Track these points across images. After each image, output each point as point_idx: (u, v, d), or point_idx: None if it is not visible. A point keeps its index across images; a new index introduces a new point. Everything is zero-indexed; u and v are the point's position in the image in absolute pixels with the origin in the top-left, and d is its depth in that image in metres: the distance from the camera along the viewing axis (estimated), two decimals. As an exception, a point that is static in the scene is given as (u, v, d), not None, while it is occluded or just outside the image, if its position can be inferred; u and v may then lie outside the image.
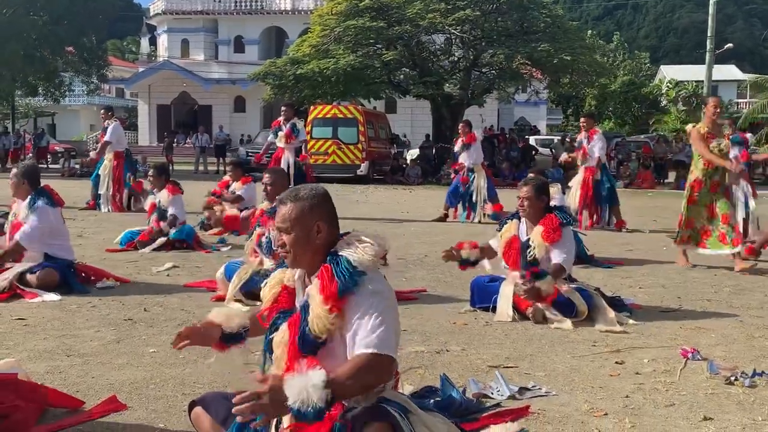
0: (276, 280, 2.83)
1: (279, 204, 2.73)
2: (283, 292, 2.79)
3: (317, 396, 2.33)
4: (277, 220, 2.71)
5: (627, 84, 48.35)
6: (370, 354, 2.46)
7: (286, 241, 2.67)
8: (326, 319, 2.51)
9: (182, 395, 3.72)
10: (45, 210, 6.20)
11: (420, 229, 11.42)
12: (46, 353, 4.45)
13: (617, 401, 3.77)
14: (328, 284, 2.53)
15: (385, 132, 28.05)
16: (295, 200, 2.69)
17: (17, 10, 28.46)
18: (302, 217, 2.66)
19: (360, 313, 2.51)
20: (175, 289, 6.49)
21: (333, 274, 2.54)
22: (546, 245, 5.51)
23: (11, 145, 32.58)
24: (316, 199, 2.70)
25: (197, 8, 48.01)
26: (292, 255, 2.68)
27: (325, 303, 2.51)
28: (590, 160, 11.42)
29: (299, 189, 2.75)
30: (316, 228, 2.65)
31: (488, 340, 4.93)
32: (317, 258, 2.66)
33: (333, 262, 2.58)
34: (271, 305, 2.80)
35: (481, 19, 26.66)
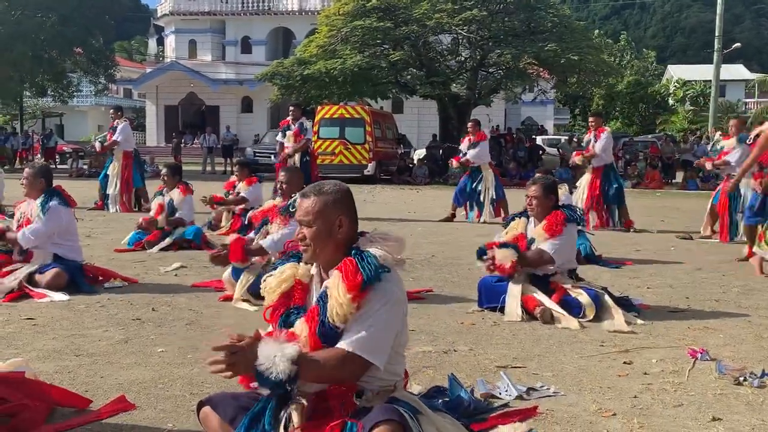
0: (288, 274, 2.79)
1: (301, 197, 2.74)
2: (296, 287, 2.78)
3: (282, 367, 2.37)
4: (299, 213, 2.71)
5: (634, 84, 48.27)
6: (350, 353, 2.51)
7: (306, 234, 2.68)
8: (347, 307, 2.53)
9: (190, 395, 3.72)
10: (57, 210, 6.19)
11: (427, 229, 11.42)
12: (55, 353, 4.47)
13: (626, 401, 3.76)
14: (352, 275, 2.55)
15: (392, 132, 28.05)
16: (318, 194, 2.70)
17: (25, 11, 28.57)
18: (325, 210, 2.67)
19: (368, 309, 2.54)
20: (183, 289, 6.50)
21: (358, 267, 2.57)
22: (545, 236, 5.52)
23: (20, 145, 32.72)
24: (339, 193, 2.72)
25: (204, 9, 48.10)
26: (312, 248, 2.69)
27: (348, 291, 2.53)
28: (598, 160, 11.40)
29: (323, 184, 2.76)
30: (338, 222, 2.68)
31: (496, 340, 4.92)
32: (337, 253, 2.68)
33: (358, 257, 2.60)
34: (280, 300, 2.78)
35: (488, 19, 26.65)
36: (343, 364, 2.51)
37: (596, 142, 11.45)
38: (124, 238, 9.13)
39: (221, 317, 5.48)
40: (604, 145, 11.39)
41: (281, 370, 2.37)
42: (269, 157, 22.59)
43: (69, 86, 33.42)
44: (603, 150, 11.40)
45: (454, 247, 9.53)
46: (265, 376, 2.38)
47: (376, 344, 2.54)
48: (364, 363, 2.53)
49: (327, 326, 2.56)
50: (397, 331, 2.66)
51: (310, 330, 2.59)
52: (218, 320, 5.39)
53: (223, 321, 5.34)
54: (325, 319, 2.56)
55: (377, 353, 2.55)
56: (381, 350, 2.57)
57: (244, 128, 43.89)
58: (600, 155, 11.39)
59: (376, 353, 2.54)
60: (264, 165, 22.00)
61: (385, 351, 2.59)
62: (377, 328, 2.54)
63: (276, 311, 2.77)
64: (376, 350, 2.54)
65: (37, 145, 34.16)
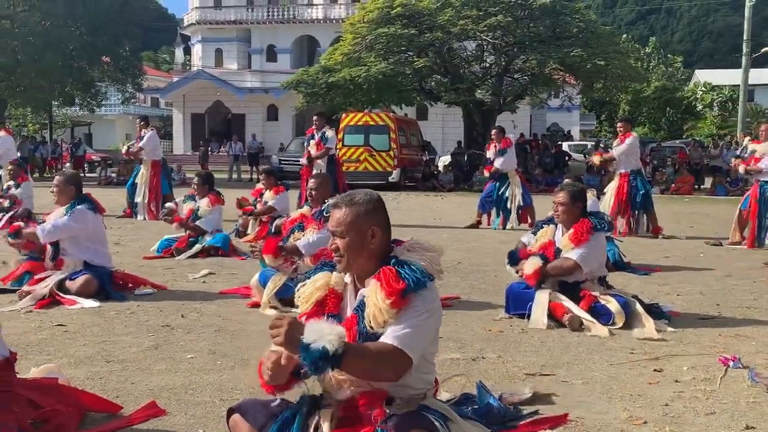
0: (321, 283, 2.79)
1: (333, 208, 2.74)
2: (330, 296, 2.77)
3: (330, 339, 2.31)
4: (331, 224, 2.71)
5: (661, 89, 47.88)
6: (394, 347, 2.48)
7: (339, 245, 2.68)
8: (387, 313, 2.52)
9: (220, 401, 3.74)
10: (84, 213, 6.24)
11: (453, 236, 11.39)
12: (86, 359, 4.52)
13: (656, 409, 3.72)
14: (393, 282, 2.54)
15: (416, 139, 28.07)
16: (350, 205, 2.70)
17: (55, 21, 29.00)
18: (357, 221, 2.67)
19: (409, 312, 2.54)
20: (212, 295, 6.55)
21: (398, 273, 2.56)
22: (572, 245, 5.49)
23: (49, 154, 33.21)
24: (371, 204, 2.72)
25: (230, 18, 48.56)
26: (346, 259, 2.68)
27: (388, 297, 2.52)
28: (623, 165, 11.31)
29: (354, 194, 2.76)
30: (371, 232, 2.67)
31: (524, 348, 4.90)
32: (371, 263, 2.67)
33: (398, 266, 2.59)
34: (314, 308, 2.77)
35: (513, 25, 26.59)
36: (385, 356, 2.48)
37: (616, 149, 11.38)
38: (153, 245, 9.21)
39: (249, 324, 5.51)
40: (624, 150, 11.29)
41: (329, 341, 2.31)
42: (295, 165, 22.68)
43: (97, 95, 33.84)
44: (622, 154, 11.31)
45: (480, 253, 9.51)
46: (310, 349, 2.31)
47: (416, 341, 2.53)
48: (404, 358, 2.50)
49: (364, 333, 2.55)
50: (432, 338, 2.67)
51: (349, 338, 2.57)
52: (246, 327, 5.41)
53: (251, 327, 5.36)
54: (363, 327, 2.56)
55: (416, 349, 2.54)
56: (419, 346, 2.56)
57: (269, 136, 44.18)
58: (618, 159, 11.30)
59: (415, 349, 2.53)
60: (290, 173, 22.09)
61: (420, 350, 2.58)
62: (418, 328, 2.54)
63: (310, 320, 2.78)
64: (415, 347, 2.53)
65: (66, 154, 34.64)
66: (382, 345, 2.49)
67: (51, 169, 32.63)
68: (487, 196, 12.73)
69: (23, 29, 28.13)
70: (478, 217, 12.84)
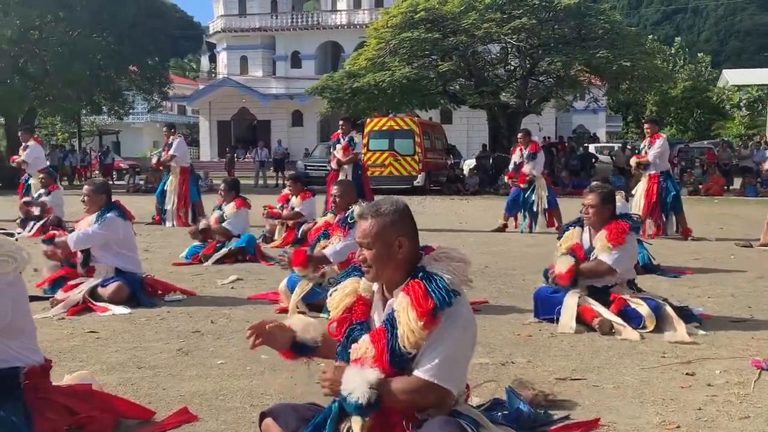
0: (351, 289, 2.81)
1: (360, 219, 2.75)
2: (358, 302, 2.79)
3: (362, 392, 2.46)
4: (358, 235, 2.72)
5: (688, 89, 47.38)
6: (430, 382, 2.52)
7: (367, 256, 2.68)
8: (419, 335, 2.53)
9: (251, 406, 3.77)
10: (114, 221, 6.32)
11: (479, 240, 11.36)
12: (118, 365, 4.56)
13: (690, 414, 3.68)
14: (422, 301, 2.54)
15: (441, 143, 28.04)
16: (376, 216, 2.69)
17: (82, 31, 29.36)
18: (383, 232, 2.67)
19: (441, 333, 2.54)
20: (240, 301, 6.59)
21: (427, 291, 2.55)
22: (609, 246, 5.44)
23: (78, 162, 33.65)
24: (397, 214, 2.71)
25: (255, 25, 48.92)
26: (374, 270, 2.69)
27: (420, 318, 2.52)
28: (654, 167, 11.22)
29: (380, 204, 2.75)
30: (398, 243, 2.67)
31: (554, 352, 4.87)
32: (399, 272, 2.67)
33: (426, 279, 2.59)
34: (344, 315, 2.80)
35: (538, 27, 26.48)
36: (422, 392, 2.53)
37: (650, 149, 11.27)
38: (182, 252, 9.29)
39: (278, 329, 5.52)
40: (657, 152, 11.19)
41: (361, 395, 2.45)
42: (321, 170, 22.77)
43: (124, 104, 34.23)
44: (656, 157, 11.21)
45: (507, 257, 9.47)
46: (348, 400, 2.47)
47: (452, 371, 2.56)
48: (442, 391, 2.54)
49: (398, 352, 2.56)
50: (470, 351, 2.68)
51: (377, 351, 2.59)
52: (275, 332, 5.43)
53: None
54: (396, 345, 2.56)
55: (453, 380, 2.57)
56: (456, 376, 2.59)
57: (294, 142, 44.41)
58: (654, 162, 11.20)
59: (452, 380, 2.56)
60: (315, 178, 22.17)
61: (460, 377, 2.61)
62: (451, 354, 2.55)
63: (340, 326, 2.79)
64: (451, 377, 2.55)
65: (94, 162, 35.06)
66: (417, 382, 2.53)
67: (80, 177, 33.06)
68: (513, 200, 12.67)
69: (51, 40, 28.51)
70: (504, 221, 12.78)
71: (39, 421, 2.97)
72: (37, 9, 28.34)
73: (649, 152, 11.24)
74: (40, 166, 13.52)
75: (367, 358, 2.59)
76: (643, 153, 11.42)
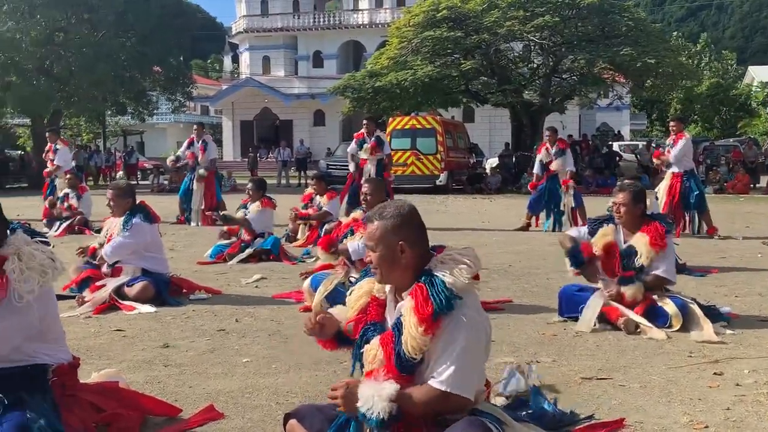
0: (365, 290, 2.82)
1: (366, 221, 2.75)
2: (372, 303, 2.79)
3: (381, 407, 2.45)
4: (365, 236, 2.74)
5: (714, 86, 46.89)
6: (445, 392, 2.52)
7: (372, 258, 2.69)
8: (420, 341, 2.53)
9: (276, 404, 3.78)
10: (140, 227, 6.37)
11: (503, 239, 11.32)
12: (145, 363, 4.60)
13: (718, 414, 3.64)
14: (423, 305, 2.53)
15: (463, 141, 27.98)
16: (380, 218, 2.70)
17: (107, 32, 29.65)
18: (386, 236, 2.67)
19: (447, 340, 2.53)
20: (265, 300, 6.61)
21: (428, 295, 2.54)
22: (653, 253, 5.40)
23: (103, 163, 33.98)
24: (399, 218, 2.69)
25: (277, 25, 49.12)
26: (380, 272, 2.70)
27: (420, 324, 2.52)
28: (677, 165, 11.10)
29: (385, 207, 2.75)
30: (399, 248, 2.65)
31: (579, 351, 4.84)
32: (407, 275, 2.66)
33: (428, 282, 2.57)
34: (359, 315, 2.81)
35: (561, 24, 26.34)
36: (440, 402, 2.54)
37: (673, 148, 11.16)
38: (206, 251, 9.35)
39: (302, 328, 5.51)
40: (678, 153, 11.05)
41: (381, 410, 2.45)
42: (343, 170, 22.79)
43: (148, 105, 34.50)
44: (678, 157, 11.08)
45: (530, 256, 9.43)
46: (368, 417, 2.47)
47: (465, 378, 2.54)
48: (459, 399, 2.55)
49: (403, 358, 2.56)
50: (483, 354, 2.68)
51: (385, 355, 2.61)
52: (299, 331, 5.44)
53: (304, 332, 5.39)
54: (401, 351, 2.57)
55: (468, 387, 2.56)
56: (471, 382, 2.58)
57: (316, 141, 44.53)
58: (676, 161, 11.09)
59: (467, 387, 2.56)
60: (337, 177, 22.20)
61: (475, 381, 2.61)
62: (463, 362, 2.53)
63: (357, 326, 2.81)
64: (466, 385, 2.55)
65: (119, 163, 35.38)
66: (433, 392, 2.53)
67: (105, 178, 33.38)
68: (536, 199, 12.61)
69: (76, 41, 28.81)
70: (527, 219, 12.73)
71: (67, 418, 3.00)
72: (62, 10, 28.68)
73: (672, 151, 11.13)
74: (67, 167, 13.69)
75: (379, 369, 2.60)
76: (666, 150, 11.31)
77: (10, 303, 2.92)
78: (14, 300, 2.92)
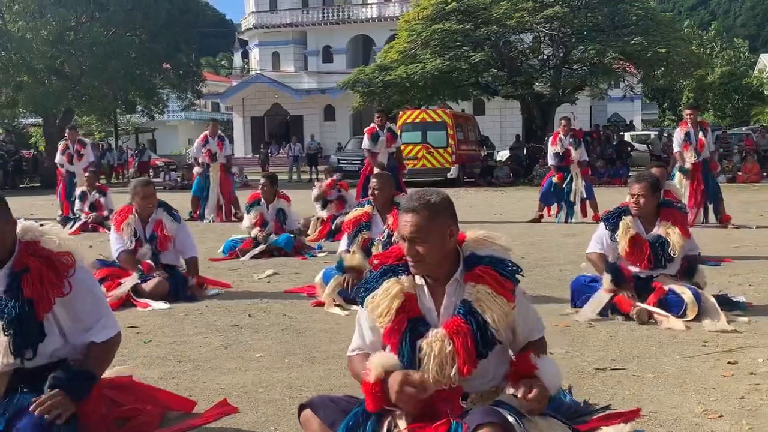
0: (397, 290, 2.73)
1: (409, 213, 2.69)
2: (407, 300, 2.73)
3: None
4: (409, 230, 2.67)
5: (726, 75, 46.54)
6: (542, 337, 2.90)
7: (421, 250, 2.66)
8: (510, 315, 2.69)
9: (290, 399, 3.80)
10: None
11: (515, 231, 11.29)
12: (159, 359, 4.63)
13: (732, 403, 3.63)
14: (504, 283, 2.69)
15: (474, 134, 27.91)
16: (426, 208, 2.68)
17: (117, 30, 29.75)
18: (436, 223, 2.67)
19: (522, 305, 2.77)
20: (277, 295, 6.63)
21: (501, 273, 2.71)
22: (686, 238, 5.49)
23: (115, 161, 34.13)
24: (444, 203, 2.74)
25: (286, 21, 49.08)
26: (427, 263, 2.69)
27: (508, 300, 2.67)
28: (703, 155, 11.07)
29: (426, 196, 2.73)
30: (449, 232, 2.70)
31: (592, 342, 4.83)
32: (446, 261, 2.71)
33: (494, 265, 2.72)
34: (399, 317, 2.71)
35: (570, 15, 26.22)
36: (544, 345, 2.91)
37: (705, 137, 11.09)
38: (219, 247, 9.38)
39: (315, 322, 5.57)
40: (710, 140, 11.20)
41: None
42: (354, 164, 22.79)
43: (159, 102, 34.60)
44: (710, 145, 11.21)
45: (543, 248, 9.41)
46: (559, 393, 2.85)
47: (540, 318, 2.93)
48: None
49: (487, 338, 2.65)
50: None
51: (460, 344, 2.62)
52: (312, 325, 5.47)
53: (317, 326, 5.42)
54: (486, 332, 2.65)
55: None
56: None
57: (327, 136, 44.50)
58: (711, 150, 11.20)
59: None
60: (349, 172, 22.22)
61: None
62: (535, 310, 2.92)
63: (396, 330, 2.71)
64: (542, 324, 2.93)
65: (131, 160, 35.52)
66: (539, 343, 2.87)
67: (118, 175, 33.54)
68: (549, 190, 12.56)
69: (86, 39, 28.93)
70: (540, 211, 12.69)
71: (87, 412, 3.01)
72: (72, 9, 28.79)
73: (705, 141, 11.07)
74: (85, 164, 13.77)
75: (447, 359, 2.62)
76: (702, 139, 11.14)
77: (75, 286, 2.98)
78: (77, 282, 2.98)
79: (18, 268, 2.93)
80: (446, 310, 2.71)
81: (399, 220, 2.77)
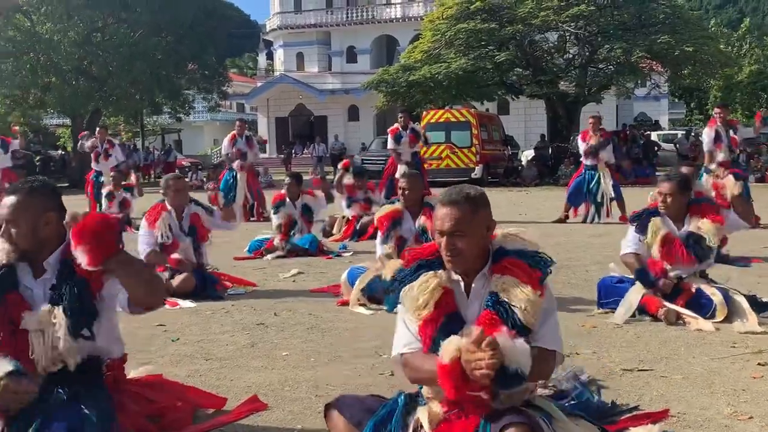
0: (435, 284, 2.70)
1: (450, 206, 2.68)
2: (445, 294, 2.71)
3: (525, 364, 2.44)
4: (451, 225, 2.65)
5: (755, 73, 45.91)
6: (554, 351, 2.66)
7: (460, 244, 2.65)
8: (538, 305, 2.62)
9: (316, 397, 3.81)
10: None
11: (541, 231, 11.17)
12: (186, 357, 4.66)
13: (762, 405, 3.59)
14: (531, 273, 2.65)
15: (498, 134, 27.79)
16: (467, 201, 2.68)
17: (144, 31, 30.04)
18: (478, 218, 2.69)
19: (547, 306, 2.68)
20: (302, 294, 6.66)
21: (530, 264, 2.66)
22: (720, 228, 5.43)
23: (141, 161, 34.43)
24: (483, 197, 2.75)
25: (311, 22, 49.21)
26: (465, 257, 2.68)
27: (535, 290, 2.62)
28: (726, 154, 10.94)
29: (465, 190, 2.73)
30: (488, 226, 2.72)
31: (619, 343, 4.79)
32: (481, 256, 2.71)
33: (522, 256, 2.68)
34: (436, 311, 2.69)
35: (596, 13, 26.03)
36: (549, 363, 2.66)
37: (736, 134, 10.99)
38: (244, 246, 9.43)
39: (340, 321, 5.58)
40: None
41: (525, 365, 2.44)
42: (378, 164, 22.79)
43: (185, 103, 34.84)
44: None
45: (569, 248, 9.35)
46: (511, 372, 2.42)
47: (560, 338, 2.72)
48: (560, 358, 2.71)
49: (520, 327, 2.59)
50: None
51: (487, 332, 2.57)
52: (337, 324, 5.49)
53: (342, 325, 5.43)
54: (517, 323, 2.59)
55: (562, 347, 2.72)
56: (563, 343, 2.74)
57: (351, 136, 44.54)
58: None
59: (562, 347, 2.72)
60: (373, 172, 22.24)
61: None
62: (557, 324, 2.73)
63: (432, 324, 2.67)
64: (562, 344, 2.72)
65: (157, 161, 35.82)
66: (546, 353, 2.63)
67: (144, 175, 33.84)
68: (575, 189, 12.47)
69: (113, 41, 29.24)
70: (565, 212, 12.61)
71: (120, 410, 3.05)
72: (99, 11, 29.11)
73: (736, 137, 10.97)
74: (113, 164, 13.96)
75: None
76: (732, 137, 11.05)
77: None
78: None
79: (68, 255, 3.01)
80: (475, 304, 2.70)
81: (436, 215, 2.73)
